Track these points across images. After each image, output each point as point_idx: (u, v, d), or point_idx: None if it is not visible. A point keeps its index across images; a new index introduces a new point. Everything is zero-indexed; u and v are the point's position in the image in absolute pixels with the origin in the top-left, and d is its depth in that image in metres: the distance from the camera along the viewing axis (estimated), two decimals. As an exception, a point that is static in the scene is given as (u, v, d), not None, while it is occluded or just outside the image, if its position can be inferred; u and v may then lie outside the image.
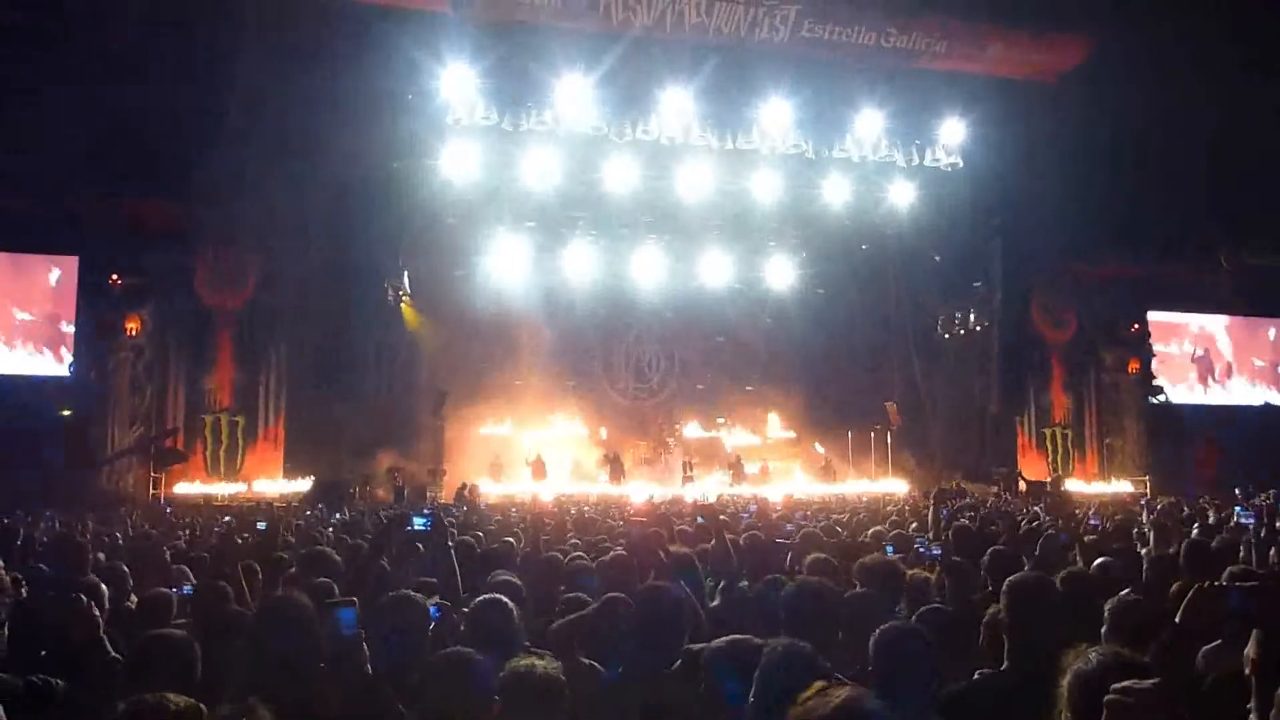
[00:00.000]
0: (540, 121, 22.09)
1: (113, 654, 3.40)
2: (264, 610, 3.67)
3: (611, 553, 6.66)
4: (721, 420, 27.33)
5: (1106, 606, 3.79)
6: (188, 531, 11.03)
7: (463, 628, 3.98)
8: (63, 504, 15.08)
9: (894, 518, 11.10)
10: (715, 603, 5.08)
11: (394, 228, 22.48)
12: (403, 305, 23.64)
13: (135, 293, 21.08)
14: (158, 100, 19.49)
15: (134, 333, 20.89)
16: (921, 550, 6.93)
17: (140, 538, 9.55)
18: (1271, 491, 11.59)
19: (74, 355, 21.48)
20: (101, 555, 6.81)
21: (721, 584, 5.35)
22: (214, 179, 19.98)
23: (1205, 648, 3.50)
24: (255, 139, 19.48)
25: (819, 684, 1.99)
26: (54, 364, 21.61)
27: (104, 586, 4.51)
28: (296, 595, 3.57)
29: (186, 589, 5.48)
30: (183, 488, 20.56)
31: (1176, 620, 3.82)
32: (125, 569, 5.90)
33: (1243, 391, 28.42)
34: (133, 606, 5.06)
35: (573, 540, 8.00)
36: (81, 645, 3.29)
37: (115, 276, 21.02)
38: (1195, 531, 7.96)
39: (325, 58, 19.77)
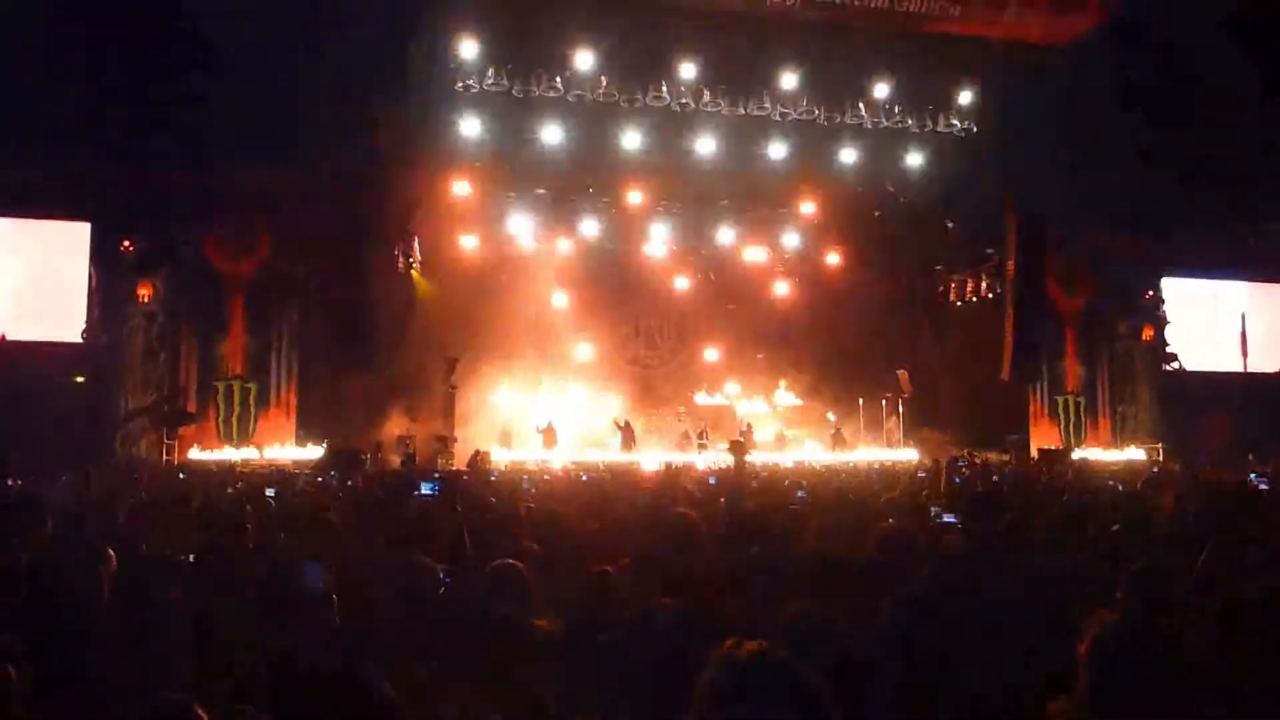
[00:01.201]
0: (551, 88, 21.93)
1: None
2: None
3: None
4: (732, 388, 27.30)
5: (1125, 573, 3.76)
6: (200, 496, 11.04)
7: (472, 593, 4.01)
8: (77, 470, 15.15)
9: (905, 485, 11.09)
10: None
11: (404, 194, 22.41)
12: (413, 272, 23.60)
13: (148, 259, 21.10)
14: (170, 65, 19.45)
15: (146, 299, 20.92)
16: (944, 518, 6.92)
17: (151, 503, 9.57)
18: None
19: (87, 322, 21.53)
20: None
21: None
22: (226, 144, 19.94)
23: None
24: (267, 104, 19.40)
25: (732, 640, 2.05)
26: (67, 330, 21.65)
27: (110, 551, 4.51)
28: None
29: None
30: (196, 454, 20.66)
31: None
32: (140, 531, 5.93)
33: (1257, 358, 28.21)
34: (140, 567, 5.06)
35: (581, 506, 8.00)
36: (87, 608, 3.29)
37: (128, 243, 21.03)
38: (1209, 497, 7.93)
39: (336, 24, 19.63)
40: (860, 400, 26.32)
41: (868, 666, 3.16)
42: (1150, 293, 26.85)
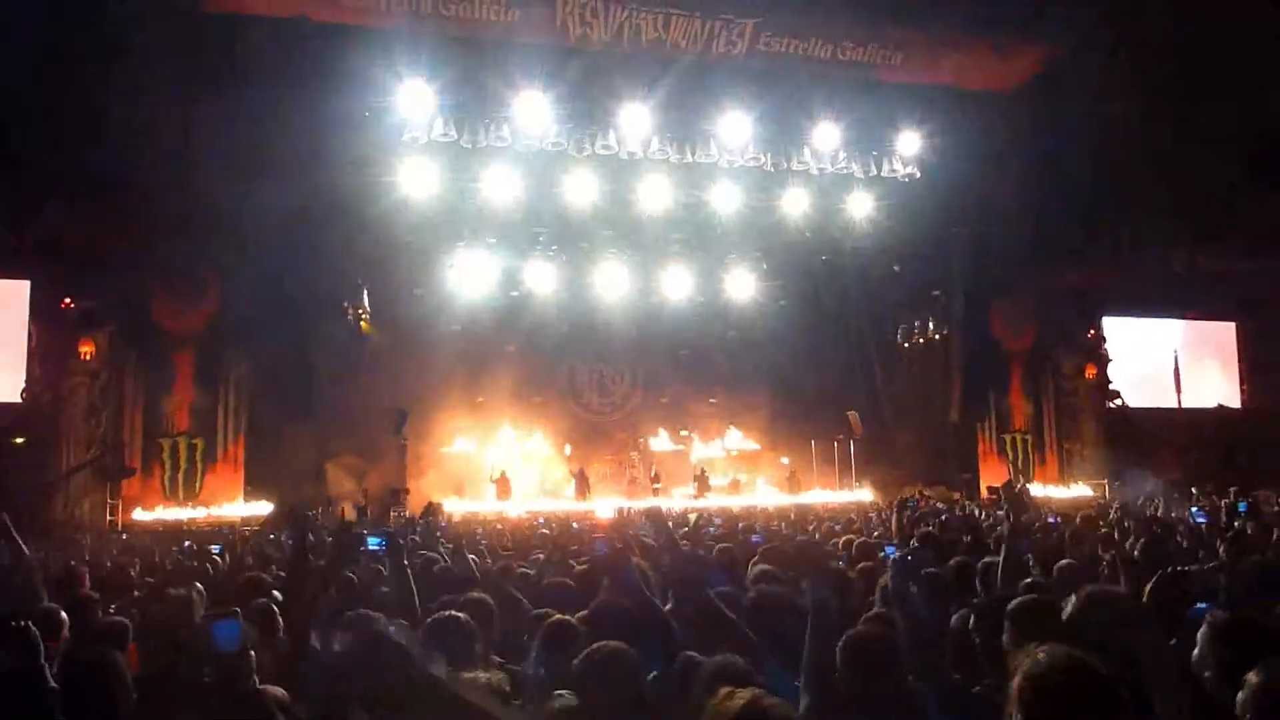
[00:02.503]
0: (499, 138, 22.05)
1: (51, 684, 3.33)
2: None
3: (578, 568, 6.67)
4: (685, 433, 27.36)
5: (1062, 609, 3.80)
6: (140, 560, 10.81)
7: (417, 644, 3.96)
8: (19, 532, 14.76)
9: (857, 525, 11.15)
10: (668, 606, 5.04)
11: (352, 246, 22.35)
12: (363, 324, 23.47)
13: (90, 316, 20.78)
14: (112, 120, 19.29)
15: (89, 356, 20.57)
16: (891, 557, 6.94)
17: (96, 565, 9.37)
18: (1232, 490, 11.81)
19: (27, 381, 21.10)
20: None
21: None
22: (170, 200, 19.81)
23: None
24: (212, 159, 19.32)
25: (726, 689, 2.12)
26: (6, 391, 21.19)
27: (63, 614, 4.43)
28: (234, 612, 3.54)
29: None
30: (140, 514, 20.24)
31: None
32: (93, 595, 5.84)
33: (1197, 394, 28.84)
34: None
35: (534, 556, 7.95)
36: (14, 671, 3.21)
37: (69, 300, 20.72)
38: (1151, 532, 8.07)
39: (281, 76, 19.64)
40: (813, 442, 26.49)
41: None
42: (1092, 331, 27.37)
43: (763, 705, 2.03)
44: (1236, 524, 8.64)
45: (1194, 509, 10.16)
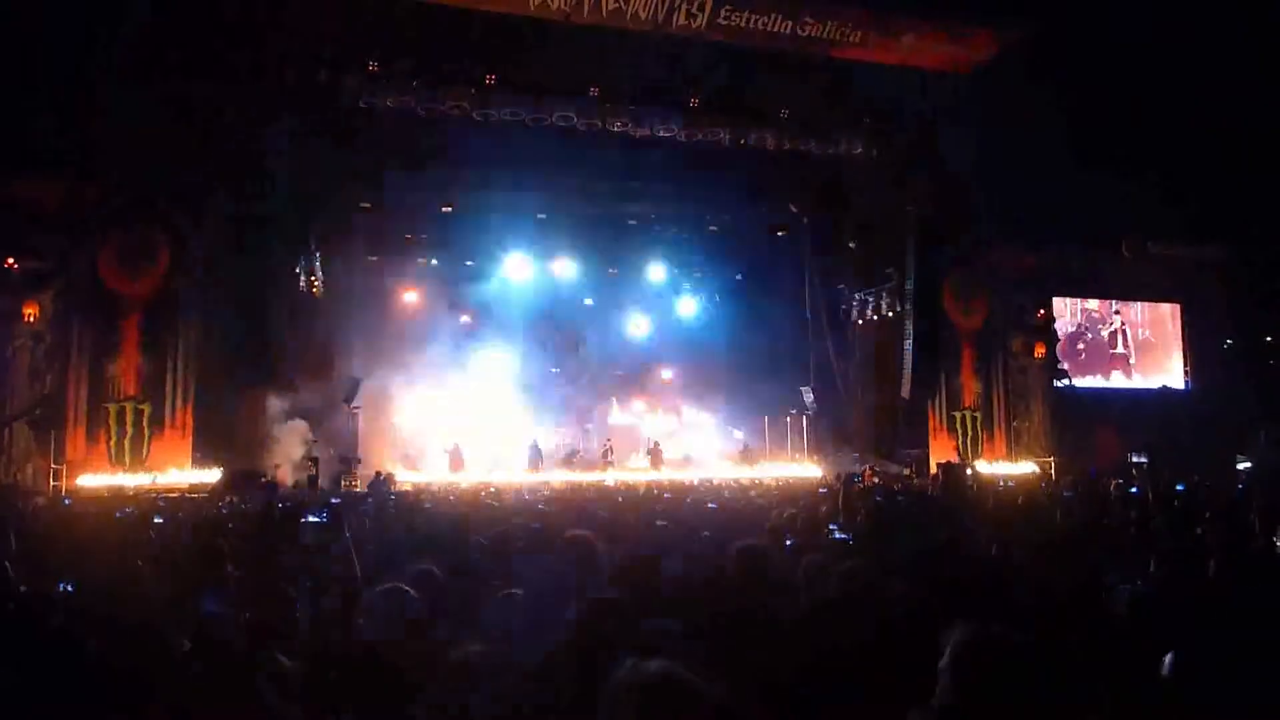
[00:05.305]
0: (457, 107, 21.79)
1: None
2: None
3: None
4: (640, 406, 27.42)
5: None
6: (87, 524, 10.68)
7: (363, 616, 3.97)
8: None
9: (804, 501, 11.26)
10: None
11: (306, 213, 22.04)
12: (315, 290, 23.20)
13: (34, 277, 20.31)
14: (58, 76, 18.86)
15: (32, 319, 20.12)
16: (836, 534, 7.02)
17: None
18: (1164, 471, 12.09)
19: (-33, 343, 20.61)
20: None
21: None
22: (118, 159, 19.41)
23: None
24: (162, 119, 18.95)
25: (633, 659, 2.06)
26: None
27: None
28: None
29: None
30: (85, 480, 19.89)
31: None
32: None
33: (1142, 375, 29.41)
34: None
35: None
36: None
37: (11, 260, 20.23)
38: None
39: (231, 37, 19.25)
40: (765, 417, 26.65)
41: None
42: (1042, 311, 27.70)
43: (679, 674, 1.93)
44: (1176, 503, 8.81)
45: (1134, 489, 10.40)
